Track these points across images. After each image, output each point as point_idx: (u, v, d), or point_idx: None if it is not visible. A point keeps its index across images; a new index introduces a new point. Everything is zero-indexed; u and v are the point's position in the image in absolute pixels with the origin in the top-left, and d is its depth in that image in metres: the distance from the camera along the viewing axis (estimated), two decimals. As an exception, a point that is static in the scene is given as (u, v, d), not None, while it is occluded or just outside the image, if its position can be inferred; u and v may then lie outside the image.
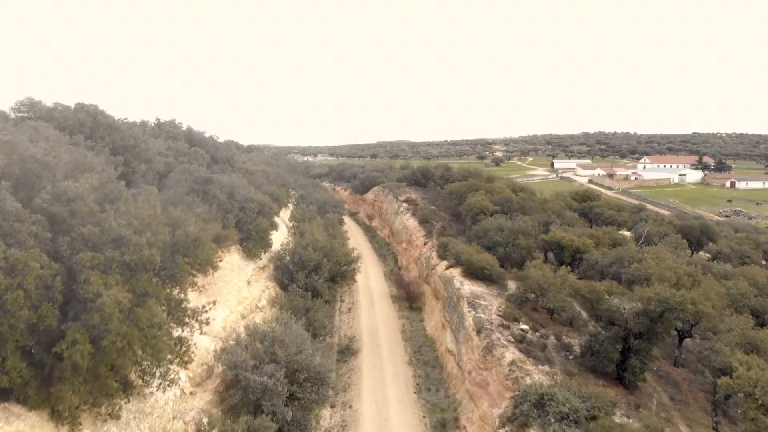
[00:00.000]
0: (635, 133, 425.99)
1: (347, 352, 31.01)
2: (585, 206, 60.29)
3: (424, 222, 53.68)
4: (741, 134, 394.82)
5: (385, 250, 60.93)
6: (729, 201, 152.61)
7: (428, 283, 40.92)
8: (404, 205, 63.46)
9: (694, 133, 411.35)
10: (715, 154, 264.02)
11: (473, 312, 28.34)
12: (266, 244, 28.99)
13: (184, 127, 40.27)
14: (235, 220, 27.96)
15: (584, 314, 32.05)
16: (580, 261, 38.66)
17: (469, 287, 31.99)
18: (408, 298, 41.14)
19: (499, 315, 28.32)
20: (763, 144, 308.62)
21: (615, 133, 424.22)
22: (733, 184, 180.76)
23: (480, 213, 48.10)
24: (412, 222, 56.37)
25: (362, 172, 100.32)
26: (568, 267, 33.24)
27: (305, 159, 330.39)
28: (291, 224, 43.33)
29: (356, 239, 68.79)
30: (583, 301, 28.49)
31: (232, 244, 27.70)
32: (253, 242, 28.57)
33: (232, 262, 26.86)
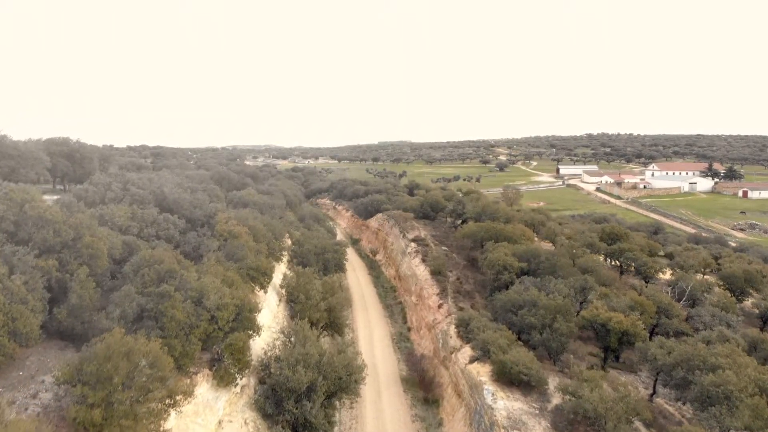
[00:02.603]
0: (638, 134, 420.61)
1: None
2: (615, 249, 53.98)
3: (436, 273, 47.15)
4: (745, 136, 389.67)
5: (391, 298, 54.34)
6: (742, 213, 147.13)
7: (446, 368, 34.40)
8: (412, 245, 56.83)
9: (698, 135, 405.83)
10: (723, 158, 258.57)
11: (515, 455, 21.87)
12: (245, 364, 22.47)
13: (156, 185, 33.50)
14: (203, 336, 21.40)
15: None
16: (629, 345, 32.43)
17: (503, 404, 25.48)
18: (421, 384, 34.64)
19: (548, 459, 21.87)
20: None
21: (618, 134, 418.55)
22: (745, 194, 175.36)
23: (503, 270, 41.69)
24: (422, 270, 49.80)
25: (365, 192, 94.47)
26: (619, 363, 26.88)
27: (306, 162, 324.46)
28: (283, 292, 36.76)
29: (359, 278, 62.43)
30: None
31: (198, 371, 21.19)
32: (228, 362, 22.04)
33: (198, 398, 20.31)
